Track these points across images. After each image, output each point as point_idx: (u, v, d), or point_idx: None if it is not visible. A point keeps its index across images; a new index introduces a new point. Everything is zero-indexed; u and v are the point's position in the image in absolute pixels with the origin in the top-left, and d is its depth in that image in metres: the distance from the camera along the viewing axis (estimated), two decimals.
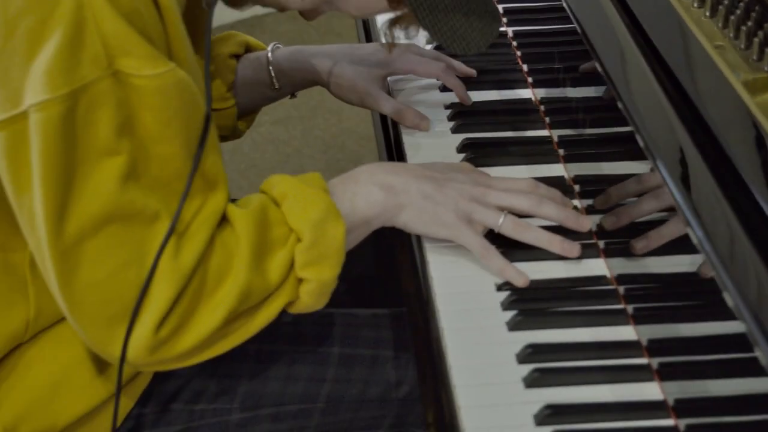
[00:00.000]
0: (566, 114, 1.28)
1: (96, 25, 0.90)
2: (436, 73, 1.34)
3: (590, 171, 1.18)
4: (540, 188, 1.11)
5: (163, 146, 0.96)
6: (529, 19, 1.48)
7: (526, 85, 1.36)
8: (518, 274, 1.04)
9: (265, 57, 1.36)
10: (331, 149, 2.73)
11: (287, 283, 1.02)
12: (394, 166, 1.12)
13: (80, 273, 0.95)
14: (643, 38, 1.02)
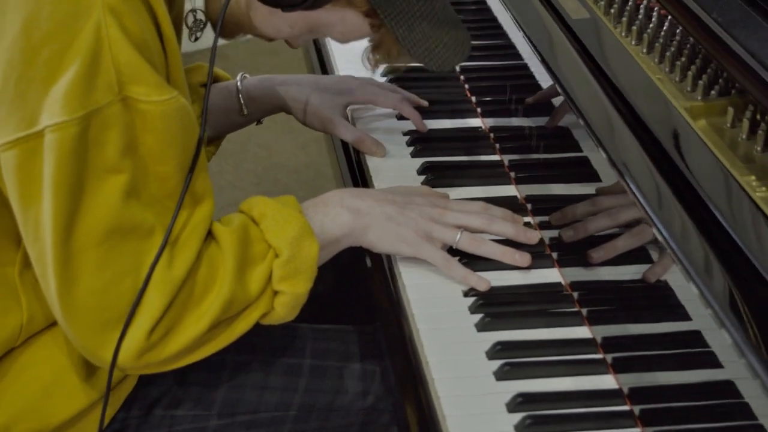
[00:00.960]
0: (514, 141, 1.40)
1: (111, 55, 0.99)
2: (393, 104, 1.45)
3: (540, 191, 1.30)
4: (491, 209, 1.23)
5: (162, 166, 1.05)
6: (474, 55, 1.60)
7: (475, 115, 1.47)
8: (480, 280, 1.15)
9: (235, 85, 1.45)
10: (263, 182, 2.82)
11: (265, 295, 1.11)
12: (359, 191, 1.23)
13: (81, 281, 1.03)
14: (599, 71, 1.13)
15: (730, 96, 1.11)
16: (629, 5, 1.26)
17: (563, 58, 1.16)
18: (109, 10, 0.98)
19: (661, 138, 1.02)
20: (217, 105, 1.45)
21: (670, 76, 1.16)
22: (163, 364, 1.10)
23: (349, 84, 1.45)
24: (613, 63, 1.14)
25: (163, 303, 1.05)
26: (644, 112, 1.06)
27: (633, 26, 1.23)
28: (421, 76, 1.57)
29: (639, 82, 1.11)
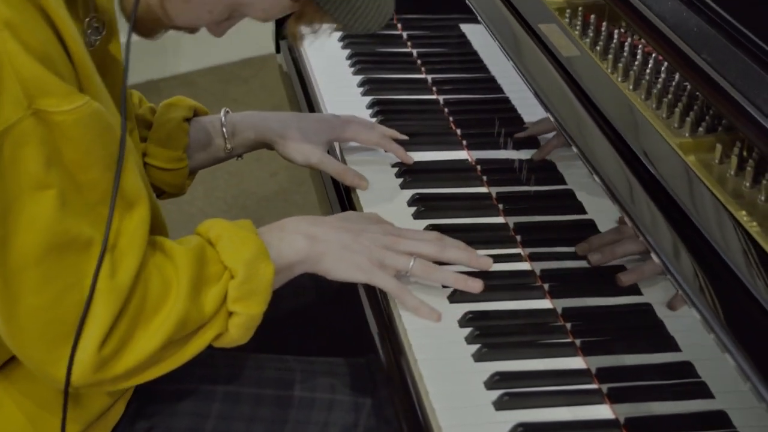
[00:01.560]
0: (500, 173, 1.43)
1: (14, 71, 0.97)
2: (375, 140, 1.47)
3: (528, 222, 1.33)
4: (445, 239, 1.25)
5: (87, 174, 1.04)
6: (456, 88, 1.63)
7: (461, 147, 1.50)
8: (431, 312, 1.18)
9: (219, 120, 1.46)
10: (232, 209, 2.82)
11: (219, 316, 1.12)
12: (315, 218, 1.25)
13: (23, 300, 1.02)
14: (592, 107, 1.16)
15: (717, 133, 1.15)
16: (614, 43, 1.30)
17: (557, 95, 1.19)
18: (4, 25, 0.97)
19: (661, 174, 1.05)
20: (201, 140, 1.46)
21: (657, 113, 1.19)
22: (115, 381, 1.09)
23: (332, 122, 1.47)
24: (605, 100, 1.17)
25: (111, 313, 1.05)
26: (639, 148, 1.09)
27: (619, 63, 1.27)
28: (406, 108, 1.60)
29: (631, 120, 1.14)
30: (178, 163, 1.44)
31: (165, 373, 1.12)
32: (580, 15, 1.38)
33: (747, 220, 1.02)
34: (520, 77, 1.24)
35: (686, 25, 1.18)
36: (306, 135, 1.44)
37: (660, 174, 1.07)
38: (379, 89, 1.64)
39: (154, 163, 1.42)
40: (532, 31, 1.32)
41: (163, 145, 1.42)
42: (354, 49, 1.75)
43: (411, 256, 1.21)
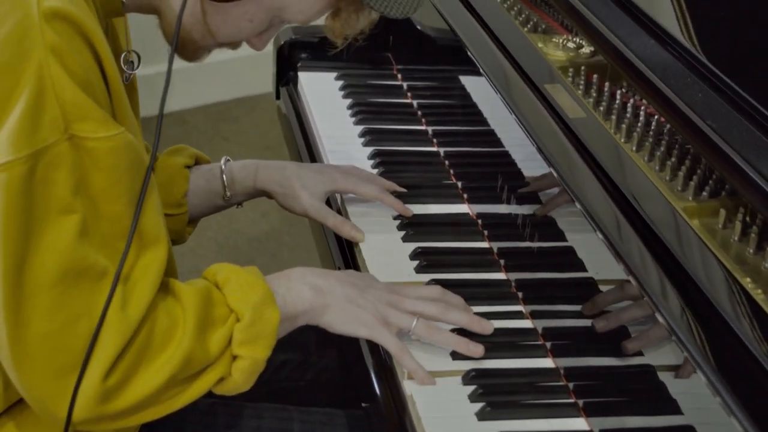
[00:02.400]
0: (501, 228, 1.44)
1: (55, 94, 1.00)
2: (373, 194, 1.47)
3: (530, 278, 1.34)
4: (447, 295, 1.26)
5: (112, 205, 1.06)
6: (456, 141, 1.65)
7: (462, 201, 1.51)
8: (426, 377, 1.18)
9: (219, 168, 1.48)
10: (224, 249, 2.82)
11: (223, 358, 1.13)
12: (322, 271, 1.26)
13: (32, 325, 1.03)
14: (599, 169, 1.17)
15: (721, 197, 1.16)
16: (617, 103, 1.32)
17: (563, 157, 1.20)
18: (50, 50, 1.00)
19: (666, 238, 1.06)
20: (201, 187, 1.47)
21: (660, 175, 1.21)
22: (115, 418, 1.09)
23: (331, 173, 1.48)
24: (611, 163, 1.18)
25: (118, 344, 1.05)
26: (647, 211, 1.11)
27: (622, 124, 1.28)
28: (407, 160, 1.61)
29: (636, 182, 1.16)
30: (177, 208, 1.45)
31: (165, 415, 1.12)
32: (582, 74, 1.40)
33: (752, 287, 1.04)
34: (525, 135, 1.26)
35: (691, 90, 1.20)
36: (305, 186, 1.45)
37: (665, 238, 1.08)
38: (380, 140, 1.65)
39: None
40: (537, 88, 1.34)
41: (164, 190, 1.43)
42: (355, 99, 1.76)
43: (414, 315, 1.22)
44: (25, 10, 1.00)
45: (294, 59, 1.87)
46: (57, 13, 1.00)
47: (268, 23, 1.22)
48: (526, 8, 1.59)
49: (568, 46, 1.48)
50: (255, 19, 1.19)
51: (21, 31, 1.00)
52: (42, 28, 0.99)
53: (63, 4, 1.01)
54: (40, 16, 0.99)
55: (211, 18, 1.17)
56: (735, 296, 1.00)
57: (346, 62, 1.87)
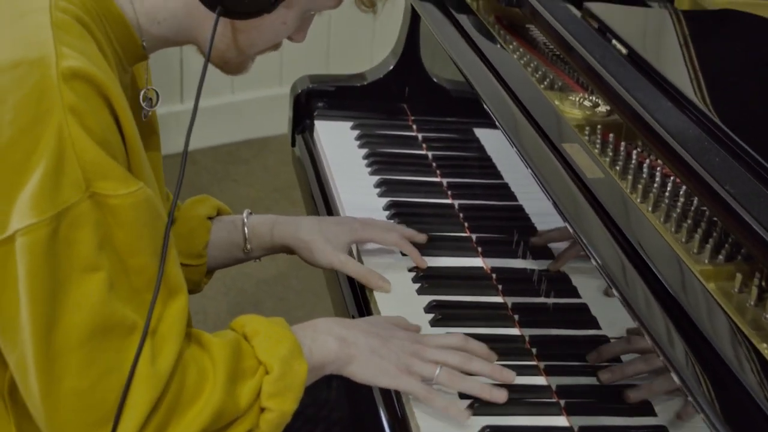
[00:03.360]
0: (515, 283, 1.45)
1: (76, 154, 1.01)
2: (393, 241, 1.49)
3: (544, 334, 1.35)
4: (470, 343, 1.28)
5: (136, 258, 1.07)
6: (471, 193, 1.66)
7: (476, 254, 1.52)
8: (460, 413, 1.20)
9: (241, 220, 1.49)
10: (231, 291, 2.83)
11: (252, 410, 1.14)
12: (347, 321, 1.28)
13: (64, 382, 1.03)
14: (615, 229, 1.18)
15: (737, 261, 1.17)
16: (633, 163, 1.34)
17: (583, 217, 1.22)
18: (69, 111, 1.00)
19: (683, 300, 1.07)
20: (222, 238, 1.48)
21: (676, 237, 1.22)
22: None
23: (351, 224, 1.49)
24: (628, 223, 1.19)
25: (151, 398, 1.06)
26: (663, 273, 1.12)
27: (638, 185, 1.30)
28: (422, 212, 1.62)
29: (654, 243, 1.17)
30: (197, 259, 1.46)
31: None
32: (599, 133, 1.42)
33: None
34: (543, 193, 1.27)
35: (708, 154, 1.22)
36: (328, 239, 1.46)
37: (682, 300, 1.09)
38: (395, 191, 1.67)
39: None
40: (554, 146, 1.35)
41: (185, 241, 1.44)
42: (371, 149, 1.78)
43: (437, 364, 1.23)
44: (43, 71, 1.00)
45: (311, 107, 1.89)
46: (76, 73, 1.01)
47: (302, 20, 1.23)
48: (542, 65, 1.62)
49: (584, 105, 1.50)
50: (288, 20, 1.20)
51: (40, 92, 1.00)
52: (61, 89, 1.00)
53: (82, 64, 1.02)
54: (59, 76, 1.00)
55: (245, 34, 1.19)
56: (753, 364, 1.01)
57: (362, 112, 1.89)
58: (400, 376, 1.22)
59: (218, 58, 1.21)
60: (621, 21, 1.58)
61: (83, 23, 1.06)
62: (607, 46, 1.51)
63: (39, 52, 1.01)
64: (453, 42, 1.65)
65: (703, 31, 1.60)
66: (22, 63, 1.01)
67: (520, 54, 1.66)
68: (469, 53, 1.61)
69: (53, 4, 1.04)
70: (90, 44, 1.06)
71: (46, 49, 1.01)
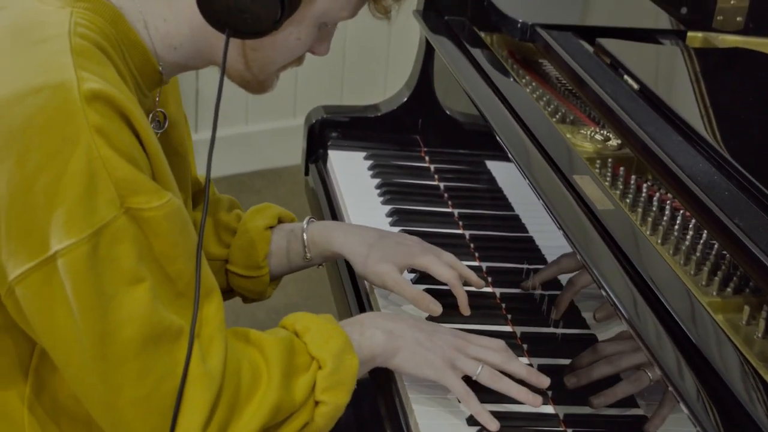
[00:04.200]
0: (525, 313, 1.46)
1: (108, 173, 1.03)
2: (448, 278, 1.44)
3: (553, 363, 1.36)
4: (509, 350, 1.31)
5: (174, 265, 1.10)
6: (482, 224, 1.68)
7: (486, 283, 1.54)
8: (491, 420, 1.23)
9: (301, 229, 1.50)
10: (240, 318, 2.85)
11: (308, 404, 1.18)
12: (392, 315, 1.32)
13: (123, 393, 1.07)
14: (626, 260, 1.20)
15: (745, 294, 1.19)
16: (643, 196, 1.35)
17: (593, 248, 1.23)
18: (96, 132, 1.03)
19: (692, 332, 1.09)
20: (282, 246, 1.50)
21: (685, 269, 1.23)
22: None
23: (411, 247, 1.47)
24: (638, 256, 1.21)
25: (209, 397, 1.09)
26: (670, 304, 1.13)
27: (648, 218, 1.31)
28: (435, 242, 1.63)
29: (663, 275, 1.18)
30: (257, 270, 1.49)
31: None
32: (609, 166, 1.44)
33: None
34: (554, 224, 1.29)
35: (718, 189, 1.23)
36: (384, 256, 1.45)
37: (691, 332, 1.10)
38: (407, 220, 1.68)
39: (235, 270, 1.48)
40: (566, 178, 1.37)
41: (244, 253, 1.47)
42: (383, 179, 1.80)
43: (479, 362, 1.26)
44: (65, 95, 1.02)
45: (324, 137, 1.92)
46: (97, 95, 1.03)
47: (317, 32, 1.23)
48: (554, 99, 1.64)
49: (595, 138, 1.52)
50: (302, 35, 1.21)
51: (64, 116, 1.02)
52: (85, 111, 1.02)
53: (102, 86, 1.04)
54: (82, 99, 1.02)
55: (259, 53, 1.20)
56: (760, 394, 1.02)
57: (375, 142, 1.91)
58: (444, 369, 1.25)
59: (239, 78, 1.23)
60: (633, 57, 1.60)
61: (102, 49, 1.09)
62: (619, 82, 1.53)
63: (60, 77, 1.03)
64: (467, 75, 1.68)
65: (714, 68, 1.62)
66: (44, 88, 1.03)
67: (532, 88, 1.69)
68: (482, 86, 1.63)
69: (72, 30, 1.07)
70: (109, 69, 1.08)
71: (67, 74, 1.03)
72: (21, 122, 1.02)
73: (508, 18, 1.76)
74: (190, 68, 1.25)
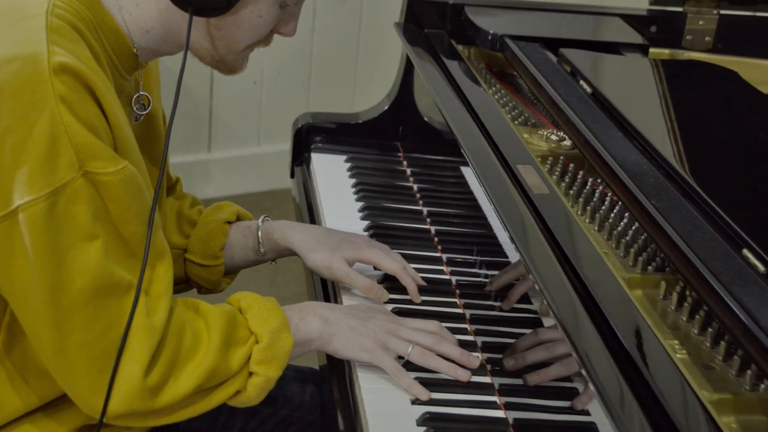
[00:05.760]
0: (474, 289, 1.55)
1: (68, 138, 1.14)
2: (394, 270, 1.53)
3: (498, 341, 1.45)
4: (443, 331, 1.40)
5: (128, 227, 1.20)
6: (450, 221, 1.78)
7: (445, 273, 1.63)
8: (422, 391, 1.32)
9: (256, 225, 1.60)
10: None
11: (242, 373, 1.28)
12: (330, 305, 1.42)
13: (72, 338, 1.17)
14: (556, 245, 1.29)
15: (664, 273, 1.28)
16: (587, 189, 1.45)
17: (527, 231, 1.33)
18: (61, 100, 1.13)
19: (602, 302, 1.17)
20: (238, 241, 1.59)
21: (616, 252, 1.32)
22: (149, 416, 1.23)
23: (359, 243, 1.56)
24: (567, 238, 1.30)
25: (149, 347, 1.19)
26: (589, 277, 1.22)
27: (588, 207, 1.41)
28: (400, 234, 1.73)
29: (588, 254, 1.27)
30: (213, 260, 1.58)
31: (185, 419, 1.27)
32: (560, 163, 1.54)
33: (678, 348, 1.15)
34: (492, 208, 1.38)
35: (644, 175, 1.33)
36: (333, 251, 1.54)
37: (604, 306, 1.18)
38: (376, 216, 1.78)
39: (193, 259, 1.58)
40: (510, 168, 1.47)
41: (202, 243, 1.57)
42: (359, 179, 1.90)
43: (410, 343, 1.36)
44: (35, 65, 1.13)
45: (309, 142, 2.03)
46: (65, 67, 1.14)
47: (279, 11, 1.30)
48: (521, 105, 1.75)
49: (551, 138, 1.62)
50: (263, 13, 1.29)
51: (33, 84, 1.13)
52: (52, 81, 1.13)
53: (70, 60, 1.15)
54: (50, 70, 1.13)
55: (224, 31, 1.30)
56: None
57: (356, 147, 2.02)
58: (376, 350, 1.35)
59: (209, 57, 1.33)
60: (590, 65, 1.71)
61: (76, 29, 1.20)
62: (573, 85, 1.63)
63: (32, 50, 1.14)
64: (435, 81, 1.78)
65: (666, 76, 1.72)
66: (16, 58, 1.14)
67: (500, 95, 1.79)
68: (447, 91, 1.74)
69: (49, 11, 1.18)
70: (81, 47, 1.19)
71: (39, 47, 1.15)
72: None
73: (480, 30, 1.88)
74: (165, 53, 1.34)
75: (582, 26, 1.96)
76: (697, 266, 1.16)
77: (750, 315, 1.04)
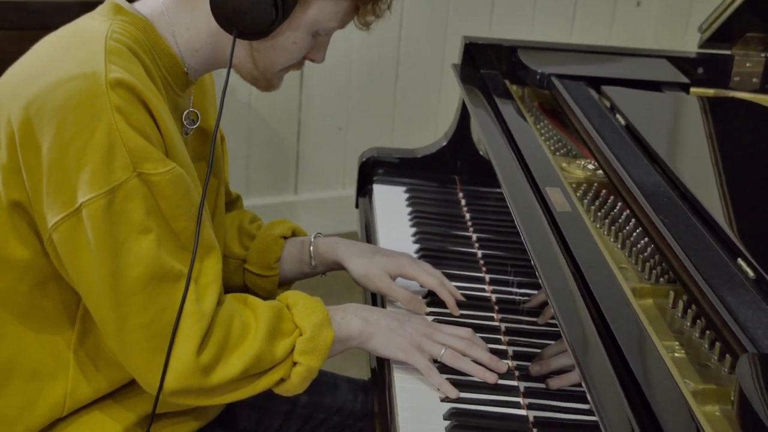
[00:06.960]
0: (513, 309, 1.67)
1: (123, 143, 1.29)
2: (432, 284, 1.66)
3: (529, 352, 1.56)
4: (475, 337, 1.52)
5: (178, 222, 1.35)
6: (498, 246, 1.90)
7: (488, 292, 1.75)
8: (451, 389, 1.44)
9: (308, 240, 1.76)
10: None
11: (286, 362, 1.42)
12: (371, 307, 1.55)
13: (130, 320, 1.33)
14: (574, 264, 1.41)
15: (674, 284, 1.38)
16: (614, 212, 1.56)
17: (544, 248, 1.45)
18: (116, 111, 1.28)
19: (602, 302, 1.29)
20: (292, 255, 1.75)
21: (634, 266, 1.43)
22: (200, 395, 1.38)
23: (401, 259, 1.69)
24: (581, 250, 1.42)
25: (199, 330, 1.34)
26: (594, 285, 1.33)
27: (613, 227, 1.52)
28: (448, 257, 1.86)
29: (597, 262, 1.39)
30: (269, 270, 1.75)
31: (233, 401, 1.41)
32: (593, 189, 1.66)
33: (677, 348, 1.25)
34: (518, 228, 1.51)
35: (660, 195, 1.44)
36: (378, 266, 1.67)
37: (609, 314, 1.29)
38: (427, 239, 1.91)
39: (251, 269, 1.74)
40: (539, 190, 1.59)
41: (260, 255, 1.74)
42: (415, 207, 2.04)
43: (443, 346, 1.48)
44: (94, 81, 1.30)
45: (372, 174, 2.17)
46: (120, 82, 1.31)
47: (312, 40, 1.46)
48: (566, 139, 1.87)
49: (587, 167, 1.74)
50: (298, 40, 1.44)
51: (93, 97, 1.30)
52: (109, 94, 1.30)
53: (125, 76, 1.31)
54: (107, 84, 1.30)
55: (263, 53, 1.46)
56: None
57: (416, 179, 2.16)
58: (411, 351, 1.48)
59: (249, 75, 1.50)
60: (627, 101, 1.82)
61: (133, 51, 1.37)
62: (608, 118, 1.75)
63: (92, 68, 1.32)
64: (481, 118, 1.92)
65: (699, 110, 1.82)
66: (79, 76, 1.31)
67: (547, 129, 1.92)
68: (492, 126, 1.87)
69: (109, 36, 1.36)
70: (135, 65, 1.36)
71: (98, 66, 1.32)
72: (61, 102, 1.30)
73: (529, 69, 2.01)
74: (213, 68, 1.51)
75: (627, 66, 2.08)
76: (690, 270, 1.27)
77: (731, 313, 1.14)
